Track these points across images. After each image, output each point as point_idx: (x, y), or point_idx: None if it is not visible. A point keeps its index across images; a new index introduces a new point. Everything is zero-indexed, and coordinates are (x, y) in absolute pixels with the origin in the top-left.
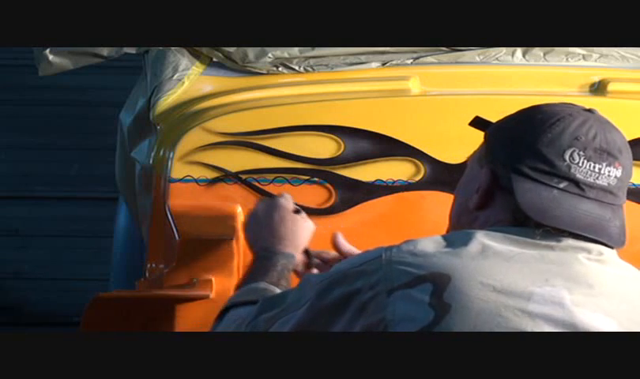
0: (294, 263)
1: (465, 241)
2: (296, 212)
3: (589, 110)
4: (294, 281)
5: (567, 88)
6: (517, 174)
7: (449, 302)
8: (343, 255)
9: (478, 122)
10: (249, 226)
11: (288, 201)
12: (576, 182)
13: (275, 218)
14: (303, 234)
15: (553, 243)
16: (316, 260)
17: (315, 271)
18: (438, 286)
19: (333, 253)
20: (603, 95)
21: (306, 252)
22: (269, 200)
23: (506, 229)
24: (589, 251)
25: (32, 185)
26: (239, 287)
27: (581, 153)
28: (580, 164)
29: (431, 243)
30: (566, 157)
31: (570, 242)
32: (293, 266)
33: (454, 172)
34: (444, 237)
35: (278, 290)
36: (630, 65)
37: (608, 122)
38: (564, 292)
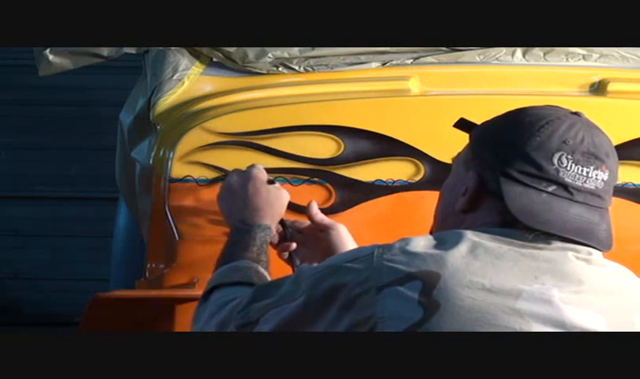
0: (271, 235)
1: (456, 240)
2: (270, 182)
3: (576, 114)
4: (270, 253)
5: (567, 88)
6: (506, 178)
7: (438, 299)
8: (316, 224)
9: (463, 124)
10: (223, 197)
11: (261, 172)
12: (564, 186)
13: (249, 189)
14: (278, 204)
15: (542, 245)
16: (291, 231)
17: (294, 245)
18: (427, 283)
19: (308, 223)
20: (603, 95)
21: (282, 222)
22: (242, 172)
23: (496, 230)
24: (577, 251)
25: (32, 185)
26: (219, 262)
27: (570, 157)
28: (568, 168)
29: (422, 241)
30: (555, 161)
31: (559, 244)
32: (270, 238)
33: None
34: (435, 236)
35: (261, 268)
36: (630, 65)
37: (595, 126)
38: (554, 290)
